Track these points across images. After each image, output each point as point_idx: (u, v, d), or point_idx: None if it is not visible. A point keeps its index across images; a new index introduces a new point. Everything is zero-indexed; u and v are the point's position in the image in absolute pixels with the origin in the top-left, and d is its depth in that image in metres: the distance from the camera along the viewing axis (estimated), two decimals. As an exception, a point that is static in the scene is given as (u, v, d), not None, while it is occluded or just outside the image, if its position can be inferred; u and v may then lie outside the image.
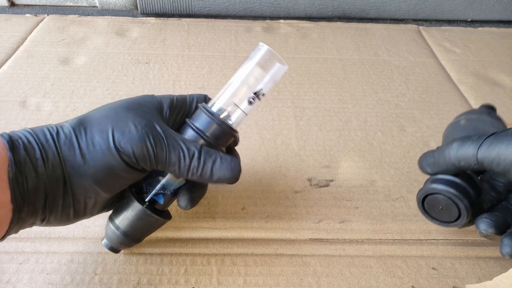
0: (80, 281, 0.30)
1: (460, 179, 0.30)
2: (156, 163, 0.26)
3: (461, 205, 0.29)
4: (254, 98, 0.28)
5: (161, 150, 0.25)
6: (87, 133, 0.25)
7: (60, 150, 0.24)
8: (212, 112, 0.28)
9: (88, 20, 0.62)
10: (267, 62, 0.28)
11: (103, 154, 0.24)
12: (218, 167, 0.27)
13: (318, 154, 0.42)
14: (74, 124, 0.25)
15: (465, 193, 0.29)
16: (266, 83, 0.28)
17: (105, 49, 0.55)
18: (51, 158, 0.23)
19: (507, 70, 0.56)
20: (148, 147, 0.25)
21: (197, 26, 0.62)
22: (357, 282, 0.31)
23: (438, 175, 0.31)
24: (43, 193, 0.23)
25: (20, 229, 0.25)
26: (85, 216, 0.27)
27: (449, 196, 0.29)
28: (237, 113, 0.28)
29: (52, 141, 0.24)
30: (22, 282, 0.29)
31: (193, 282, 0.30)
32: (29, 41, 0.56)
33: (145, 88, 0.49)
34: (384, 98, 0.50)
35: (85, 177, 0.24)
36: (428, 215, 0.32)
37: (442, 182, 0.30)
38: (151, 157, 0.25)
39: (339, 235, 0.34)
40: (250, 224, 0.35)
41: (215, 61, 0.54)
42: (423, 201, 0.31)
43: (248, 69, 0.28)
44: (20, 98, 0.46)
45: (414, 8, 0.68)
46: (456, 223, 0.30)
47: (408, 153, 0.43)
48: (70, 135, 0.24)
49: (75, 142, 0.24)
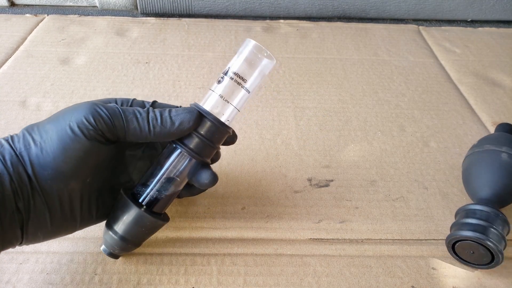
0: (80, 281, 0.30)
1: (488, 222, 0.30)
2: (113, 125, 0.25)
3: (493, 249, 0.29)
4: (221, 76, 0.28)
5: (113, 111, 0.26)
6: (39, 127, 0.25)
7: (15, 149, 0.24)
8: (201, 108, 0.28)
9: (88, 20, 0.62)
10: (245, 47, 0.28)
11: (58, 136, 0.24)
12: (174, 112, 0.27)
13: (318, 154, 0.42)
14: (27, 126, 0.26)
15: (496, 237, 0.29)
16: (237, 62, 0.28)
17: (105, 49, 0.55)
18: (8, 157, 0.24)
19: (507, 70, 0.56)
20: (99, 112, 0.25)
21: (197, 26, 0.62)
22: (357, 282, 0.31)
23: (465, 218, 0.31)
24: (10, 192, 0.23)
25: (4, 245, 0.24)
26: (66, 222, 0.26)
27: (480, 243, 0.30)
28: (216, 100, 0.28)
29: (6, 144, 0.25)
30: (22, 282, 0.29)
31: (193, 282, 0.30)
32: (29, 41, 0.56)
33: (145, 88, 0.49)
34: (384, 98, 0.50)
35: (46, 167, 0.24)
36: (460, 258, 0.32)
37: (471, 228, 0.30)
38: (105, 118, 0.25)
39: (339, 235, 0.34)
40: (250, 224, 0.35)
41: (215, 61, 0.54)
42: (453, 246, 0.32)
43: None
44: (20, 98, 0.46)
45: (414, 8, 0.68)
46: (490, 265, 0.31)
47: (408, 153, 0.43)
48: (23, 134, 0.25)
49: (28, 137, 0.25)
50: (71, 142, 0.24)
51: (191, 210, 0.35)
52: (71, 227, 0.27)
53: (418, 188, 0.39)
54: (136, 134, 0.26)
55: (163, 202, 0.29)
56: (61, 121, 0.25)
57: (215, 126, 0.28)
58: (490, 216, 0.30)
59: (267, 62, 0.28)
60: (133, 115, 0.26)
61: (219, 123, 0.28)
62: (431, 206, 0.37)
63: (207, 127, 0.28)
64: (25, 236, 0.25)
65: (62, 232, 0.27)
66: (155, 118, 0.26)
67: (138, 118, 0.26)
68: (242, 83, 0.28)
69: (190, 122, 0.26)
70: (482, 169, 0.34)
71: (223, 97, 0.28)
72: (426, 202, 0.38)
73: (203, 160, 0.28)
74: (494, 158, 0.34)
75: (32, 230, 0.25)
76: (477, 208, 0.31)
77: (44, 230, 0.25)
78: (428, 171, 0.41)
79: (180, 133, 0.27)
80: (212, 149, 0.29)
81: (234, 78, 0.28)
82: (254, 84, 0.29)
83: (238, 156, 0.41)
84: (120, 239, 0.28)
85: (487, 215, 0.30)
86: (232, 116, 0.29)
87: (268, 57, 0.28)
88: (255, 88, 0.29)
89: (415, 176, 0.40)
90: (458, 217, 0.33)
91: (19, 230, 0.24)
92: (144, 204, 0.28)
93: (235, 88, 0.28)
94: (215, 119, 0.28)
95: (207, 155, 0.29)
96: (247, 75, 0.28)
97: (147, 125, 0.26)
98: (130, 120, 0.26)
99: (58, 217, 0.25)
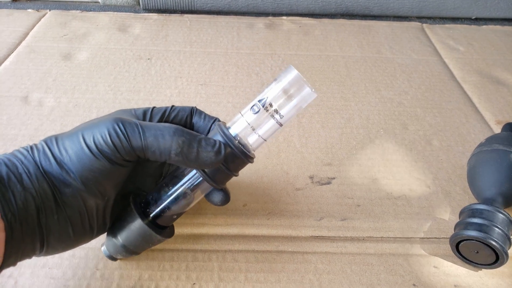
0: (81, 276, 0.30)
1: (493, 222, 0.30)
2: (131, 147, 0.24)
3: (498, 249, 0.29)
4: (257, 105, 0.26)
5: (132, 131, 0.24)
6: (58, 141, 0.24)
7: (39, 163, 0.24)
8: (226, 134, 0.26)
9: (90, 15, 0.61)
10: (286, 77, 0.26)
11: (77, 155, 0.24)
12: (203, 147, 0.24)
13: (320, 152, 0.42)
14: (45, 138, 0.25)
15: (501, 237, 0.29)
16: (276, 95, 0.26)
17: (107, 45, 0.55)
18: (33, 171, 0.23)
19: (511, 68, 0.56)
20: (117, 131, 0.23)
21: (199, 22, 0.62)
22: (358, 279, 0.31)
23: (471, 218, 0.31)
24: (34, 207, 0.23)
25: (22, 257, 0.24)
26: (85, 234, 0.26)
27: (485, 243, 0.29)
28: (244, 127, 0.26)
29: (29, 155, 0.24)
30: (24, 276, 0.29)
31: (194, 278, 0.30)
32: (31, 37, 0.56)
33: (147, 84, 0.49)
34: (386, 96, 0.50)
35: (67, 184, 0.24)
36: (464, 258, 0.32)
37: (476, 228, 0.30)
38: (123, 140, 0.23)
39: (341, 233, 0.34)
40: (251, 221, 0.35)
41: (217, 57, 0.54)
42: (457, 245, 0.32)
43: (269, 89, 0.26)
44: (22, 93, 0.46)
45: (417, 5, 0.67)
46: (495, 265, 0.31)
47: (411, 151, 0.43)
48: (42, 147, 0.24)
49: (48, 151, 0.24)
50: (89, 163, 0.24)
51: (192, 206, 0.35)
52: (88, 238, 0.27)
53: (420, 187, 0.39)
54: (155, 157, 0.24)
55: (171, 217, 0.28)
56: (80, 139, 0.24)
57: (237, 157, 0.26)
58: (496, 216, 0.30)
59: (309, 96, 0.26)
60: (154, 137, 0.24)
61: (243, 154, 0.26)
62: (433, 205, 0.37)
63: (229, 157, 0.26)
64: (45, 249, 0.25)
65: (80, 243, 0.27)
66: (177, 143, 0.24)
67: (159, 141, 0.24)
68: (278, 117, 0.26)
69: (214, 164, 0.25)
70: (489, 169, 0.34)
71: (252, 127, 0.26)
72: (428, 200, 0.37)
73: (217, 187, 0.27)
74: (503, 158, 0.34)
75: (52, 243, 0.25)
76: (482, 208, 0.31)
77: (64, 244, 0.25)
78: (430, 170, 0.40)
79: (199, 168, 0.26)
80: (229, 177, 0.27)
81: (269, 110, 0.26)
82: (289, 118, 0.26)
83: (239, 153, 0.41)
84: (122, 247, 0.28)
85: (492, 215, 0.30)
86: (256, 145, 0.27)
87: (311, 92, 0.26)
88: (288, 120, 0.27)
89: (417, 174, 0.40)
90: (463, 217, 0.32)
91: (38, 244, 0.24)
92: (152, 216, 0.28)
93: (268, 119, 0.26)
94: (239, 149, 0.26)
95: (222, 182, 0.27)
96: (284, 109, 0.26)
97: (168, 150, 0.24)
98: (150, 144, 0.24)
99: (79, 231, 0.25)
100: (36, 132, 0.42)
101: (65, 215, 0.24)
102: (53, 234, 0.24)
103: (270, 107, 0.26)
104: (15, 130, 0.42)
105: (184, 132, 0.25)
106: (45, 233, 0.24)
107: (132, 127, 0.24)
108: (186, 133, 0.25)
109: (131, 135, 0.24)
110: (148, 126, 0.24)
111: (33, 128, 0.42)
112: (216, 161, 0.25)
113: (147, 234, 0.27)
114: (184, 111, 0.29)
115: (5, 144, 0.40)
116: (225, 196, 0.28)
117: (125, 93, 0.47)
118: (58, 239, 0.24)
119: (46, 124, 0.43)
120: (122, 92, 0.47)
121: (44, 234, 0.24)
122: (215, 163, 0.25)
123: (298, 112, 0.27)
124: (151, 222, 0.28)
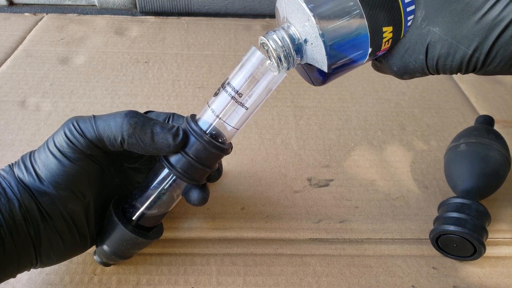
0: (79, 281, 0.30)
1: (469, 215, 0.30)
2: (86, 139, 0.24)
3: (476, 243, 0.30)
4: (219, 88, 0.24)
5: (85, 124, 0.25)
6: (31, 154, 0.26)
7: (18, 177, 0.25)
8: (189, 122, 0.25)
9: (87, 19, 0.61)
10: (248, 58, 0.24)
11: (44, 163, 0.24)
12: (159, 129, 0.24)
13: (318, 154, 0.42)
14: (23, 155, 0.26)
15: (478, 231, 0.30)
16: (237, 76, 0.24)
17: (104, 48, 0.55)
18: (15, 184, 0.24)
19: (508, 68, 0.56)
20: (71, 129, 0.24)
21: (196, 24, 0.61)
22: (357, 281, 0.31)
23: (448, 213, 0.31)
24: (20, 217, 0.23)
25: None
26: (76, 242, 0.26)
27: (462, 236, 0.30)
28: (211, 117, 0.24)
29: (11, 171, 0.25)
30: (21, 282, 0.29)
31: (192, 282, 0.30)
32: (28, 41, 0.56)
33: (144, 88, 0.49)
34: (384, 96, 0.50)
35: (43, 193, 0.24)
36: (444, 252, 0.32)
37: (453, 222, 0.30)
38: (77, 136, 0.24)
39: (339, 235, 0.34)
40: (249, 224, 0.35)
41: (214, 60, 0.54)
42: (436, 240, 0.32)
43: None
44: (19, 98, 0.46)
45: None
46: (473, 257, 0.31)
47: (408, 152, 0.43)
48: (19, 161, 0.25)
49: (22, 165, 0.25)
50: (55, 167, 0.24)
51: (190, 210, 0.35)
52: (82, 246, 0.27)
53: (418, 187, 0.39)
54: (111, 143, 0.25)
55: (154, 218, 0.28)
56: (45, 147, 0.25)
57: (206, 149, 0.24)
58: (471, 208, 0.31)
59: (274, 77, 0.23)
60: (105, 123, 0.24)
61: (212, 145, 0.24)
62: (431, 205, 0.37)
63: (197, 149, 0.24)
64: (39, 260, 0.25)
65: (75, 252, 0.27)
66: (130, 129, 0.24)
67: (111, 125, 0.24)
68: (241, 100, 0.24)
69: (171, 147, 0.24)
70: (463, 162, 0.35)
71: (218, 116, 0.24)
72: (426, 201, 0.37)
73: (194, 183, 0.26)
74: (476, 151, 0.35)
75: (45, 253, 0.25)
76: (458, 201, 0.32)
77: (57, 253, 0.26)
78: (428, 170, 0.40)
79: (159, 153, 0.25)
80: (204, 172, 0.26)
81: (232, 94, 0.24)
82: (257, 102, 0.24)
83: (237, 156, 0.41)
84: (111, 254, 0.28)
85: (468, 208, 0.31)
86: (231, 135, 0.25)
87: (262, 58, 0.23)
88: (258, 105, 0.25)
89: (415, 175, 0.40)
90: (441, 211, 0.33)
91: (33, 254, 0.25)
92: (135, 219, 0.27)
93: (234, 105, 0.24)
94: (207, 141, 0.24)
95: (197, 178, 0.26)
96: (247, 92, 0.24)
97: (120, 136, 0.24)
98: (102, 130, 0.24)
99: (68, 239, 0.26)
100: (34, 137, 0.41)
101: (51, 224, 0.25)
102: (44, 244, 0.25)
103: (234, 92, 0.23)
104: (12, 135, 0.42)
105: (137, 114, 0.25)
106: (36, 244, 0.24)
107: (85, 121, 0.25)
108: (140, 115, 0.25)
109: (84, 128, 0.24)
110: (101, 116, 0.25)
111: (30, 133, 0.42)
112: (174, 144, 0.24)
113: (132, 240, 0.27)
114: (159, 116, 0.28)
115: (3, 149, 0.40)
116: (201, 194, 0.26)
117: (123, 97, 0.47)
118: (50, 248, 0.25)
119: (44, 129, 0.43)
120: (120, 96, 0.47)
121: (35, 244, 0.24)
122: (172, 146, 0.24)
123: (269, 94, 0.24)
124: (134, 226, 0.27)
